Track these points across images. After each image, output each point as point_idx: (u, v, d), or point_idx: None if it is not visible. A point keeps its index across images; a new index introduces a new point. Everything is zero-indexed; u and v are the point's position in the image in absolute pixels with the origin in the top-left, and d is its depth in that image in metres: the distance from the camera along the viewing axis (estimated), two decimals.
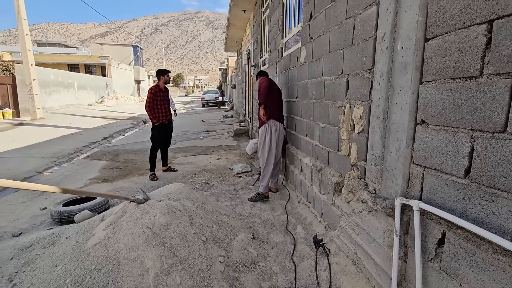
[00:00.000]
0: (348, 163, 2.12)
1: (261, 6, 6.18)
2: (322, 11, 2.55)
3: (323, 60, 2.56)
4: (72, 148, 6.83)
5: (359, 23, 1.92)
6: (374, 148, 1.76)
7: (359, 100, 1.94)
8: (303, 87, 3.16)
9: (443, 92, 1.22)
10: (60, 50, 34.59)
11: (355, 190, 1.92)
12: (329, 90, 2.44)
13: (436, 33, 1.25)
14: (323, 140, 2.59)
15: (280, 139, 3.53)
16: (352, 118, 2.02)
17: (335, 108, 2.33)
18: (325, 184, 2.48)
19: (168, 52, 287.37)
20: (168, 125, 4.64)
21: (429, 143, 1.31)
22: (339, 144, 2.25)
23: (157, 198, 2.38)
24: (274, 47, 4.73)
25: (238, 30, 9.72)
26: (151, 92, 4.30)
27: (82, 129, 9.89)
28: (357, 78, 1.96)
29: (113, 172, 4.94)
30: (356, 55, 1.97)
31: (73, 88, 17.20)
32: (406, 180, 1.48)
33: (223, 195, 3.60)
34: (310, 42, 2.91)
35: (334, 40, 2.33)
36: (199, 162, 5.57)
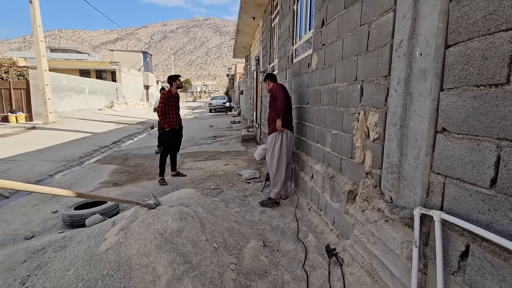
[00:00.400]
0: (362, 170, 2.08)
1: (270, 13, 6.24)
2: (335, 18, 2.55)
3: (336, 67, 2.55)
4: (83, 152, 6.93)
5: (375, 29, 1.91)
6: (390, 156, 1.72)
7: (374, 107, 1.91)
8: (314, 93, 3.14)
9: (466, 100, 1.19)
10: (72, 56, 35.50)
11: (370, 199, 1.88)
12: (342, 96, 2.41)
13: (458, 39, 1.23)
14: (335, 147, 2.56)
15: (290, 146, 3.53)
16: (367, 125, 1.99)
17: (348, 115, 2.30)
18: (338, 192, 2.44)
19: (176, 58, 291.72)
20: (178, 130, 4.68)
21: (450, 151, 1.27)
22: (353, 151, 2.22)
23: (168, 203, 2.37)
24: (284, 53, 4.75)
25: (247, 36, 9.81)
26: (163, 97, 4.35)
27: (92, 133, 10.05)
28: (372, 84, 1.94)
29: (123, 176, 4.98)
30: (371, 61, 1.95)
31: (84, 93, 17.56)
32: (426, 189, 1.44)
33: (232, 201, 3.59)
34: (322, 48, 2.91)
35: (347, 47, 2.32)
36: (207, 167, 5.58)
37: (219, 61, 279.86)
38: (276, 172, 3.47)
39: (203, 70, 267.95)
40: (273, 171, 3.49)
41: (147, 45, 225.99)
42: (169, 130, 4.45)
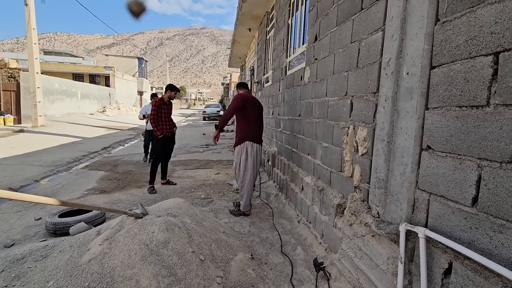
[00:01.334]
0: (351, 184, 2.10)
1: (266, 25, 6.36)
2: (327, 34, 2.62)
3: (327, 81, 2.60)
4: (71, 157, 6.79)
5: (364, 47, 1.96)
6: (378, 171, 1.75)
7: (363, 122, 1.95)
8: (306, 106, 3.19)
9: (449, 119, 1.23)
10: (66, 59, 35.26)
11: (358, 213, 1.89)
12: (333, 110, 2.46)
13: (442, 61, 1.28)
14: (326, 160, 2.59)
15: (257, 159, 3.49)
16: (356, 139, 2.02)
17: (338, 128, 2.34)
18: (327, 205, 2.45)
19: (172, 65, 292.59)
20: (171, 138, 4.65)
21: (435, 169, 1.30)
22: (342, 165, 2.25)
23: (156, 213, 2.34)
24: (278, 65, 4.82)
25: (242, 47, 9.95)
26: (155, 105, 4.34)
27: (82, 138, 9.89)
28: (362, 100, 1.98)
29: (111, 183, 4.89)
30: (361, 78, 2.00)
31: (76, 97, 17.36)
32: (411, 205, 1.46)
33: (222, 212, 3.55)
34: (314, 62, 2.97)
35: (338, 62, 2.37)
36: (198, 176, 5.53)
37: (215, 69, 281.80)
38: (242, 186, 3.46)
39: (198, 78, 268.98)
40: (239, 184, 3.50)
41: (143, 51, 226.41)
42: (161, 138, 4.42)
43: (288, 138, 3.98)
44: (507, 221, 0.99)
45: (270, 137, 5.34)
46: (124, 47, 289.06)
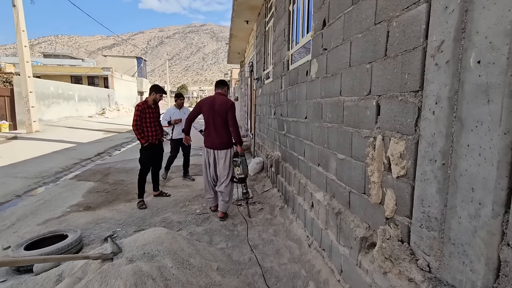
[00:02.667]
0: (380, 214, 1.58)
1: (265, 16, 5.79)
2: (340, 17, 2.07)
3: (342, 76, 2.06)
4: (61, 166, 6.35)
5: (397, 28, 1.42)
6: (425, 203, 1.23)
7: (398, 132, 1.42)
8: (315, 106, 2.66)
9: None
10: (66, 61, 34.92)
11: (395, 259, 1.37)
12: (351, 114, 1.92)
13: None
14: (342, 175, 2.06)
15: (208, 165, 3.59)
16: (388, 155, 1.49)
17: (359, 137, 1.80)
18: (346, 234, 1.93)
19: (173, 64, 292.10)
20: (158, 145, 4.14)
21: None
22: (366, 186, 1.72)
23: (130, 251, 1.85)
24: (279, 59, 4.28)
25: (240, 41, 9.38)
26: (138, 110, 3.81)
27: (77, 143, 9.47)
28: (394, 101, 1.45)
29: (99, 197, 4.42)
30: (392, 71, 1.46)
31: (73, 100, 16.97)
32: (493, 269, 0.94)
33: (218, 233, 3.05)
34: (323, 54, 2.43)
35: (357, 52, 1.83)
36: (195, 184, 5.05)
37: (216, 66, 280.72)
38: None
39: (199, 76, 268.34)
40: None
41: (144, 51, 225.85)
42: (147, 146, 3.91)
43: (293, 143, 3.45)
44: None
45: (272, 139, 4.82)
46: (124, 47, 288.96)
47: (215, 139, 3.48)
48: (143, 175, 3.97)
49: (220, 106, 3.42)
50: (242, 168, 3.49)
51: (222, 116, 3.42)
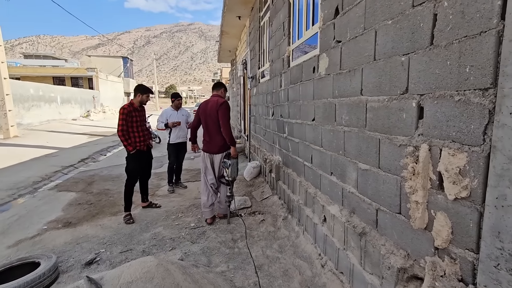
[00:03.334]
0: (426, 241, 1.27)
1: (259, 10, 5.45)
2: (360, 2, 1.76)
3: (363, 72, 1.75)
4: (40, 175, 5.84)
5: (450, 9, 1.11)
6: (505, 238, 0.92)
7: (454, 142, 1.11)
8: (325, 107, 2.34)
9: None
10: (47, 62, 33.51)
11: None
12: (377, 116, 1.61)
13: None
14: (366, 188, 1.75)
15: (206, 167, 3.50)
16: (438, 170, 1.18)
17: (391, 145, 1.49)
18: (375, 260, 1.62)
19: (161, 64, 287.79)
20: (147, 152, 3.73)
21: None
22: (403, 204, 1.42)
23: None
24: (277, 55, 3.95)
25: (232, 38, 9.00)
26: (123, 113, 3.39)
27: (59, 148, 8.88)
28: (447, 102, 1.14)
29: (81, 210, 3.99)
30: (443, 63, 1.15)
31: (55, 102, 16.16)
32: None
33: (217, 252, 2.70)
34: (336, 47, 2.11)
35: (385, 42, 1.52)
36: (188, 193, 4.67)
37: (205, 66, 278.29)
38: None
39: (188, 75, 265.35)
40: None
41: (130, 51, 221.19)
42: (134, 154, 3.50)
43: (296, 147, 3.13)
44: None
45: (271, 142, 4.49)
46: (110, 47, 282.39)
47: (210, 143, 3.44)
48: (130, 186, 3.57)
49: (211, 108, 3.34)
50: (231, 171, 3.34)
51: (213, 118, 3.33)
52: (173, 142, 4.75)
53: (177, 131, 4.73)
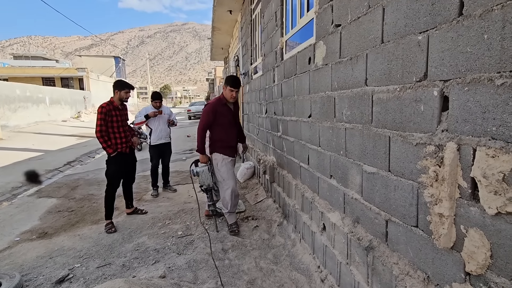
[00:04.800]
0: (453, 264, 1.02)
1: (250, 2, 5.18)
2: None
3: (367, 58, 1.49)
4: (20, 180, 5.49)
5: None
6: None
7: (495, 139, 0.85)
8: (322, 102, 2.08)
9: None
10: (37, 63, 32.72)
11: None
12: (387, 110, 1.35)
13: None
14: (373, 195, 1.49)
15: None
16: (473, 175, 0.92)
17: (405, 144, 1.24)
18: (385, 281, 1.36)
19: (155, 64, 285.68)
20: (130, 154, 3.43)
21: None
22: (420, 216, 1.16)
23: None
24: (270, 48, 3.68)
25: (224, 35, 8.71)
26: (102, 112, 3.09)
27: (45, 151, 8.50)
28: (483, 88, 0.88)
29: (59, 219, 3.68)
30: (478, 38, 0.89)
31: (44, 103, 15.67)
32: None
33: (205, 265, 2.42)
34: (334, 32, 1.85)
35: (395, 19, 1.26)
36: (177, 197, 4.38)
37: (199, 65, 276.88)
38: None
39: (183, 75, 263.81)
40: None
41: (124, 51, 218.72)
42: (115, 156, 3.21)
43: (291, 147, 2.87)
44: None
45: (264, 142, 4.23)
46: (104, 48, 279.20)
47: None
48: (112, 192, 3.25)
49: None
50: (201, 178, 3.06)
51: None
52: (154, 143, 4.43)
53: (158, 132, 4.40)
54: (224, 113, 3.05)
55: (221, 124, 3.04)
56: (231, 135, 3.13)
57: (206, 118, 2.99)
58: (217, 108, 3.02)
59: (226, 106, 3.07)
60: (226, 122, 3.07)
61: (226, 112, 3.07)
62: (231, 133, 3.13)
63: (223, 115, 3.04)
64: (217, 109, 3.01)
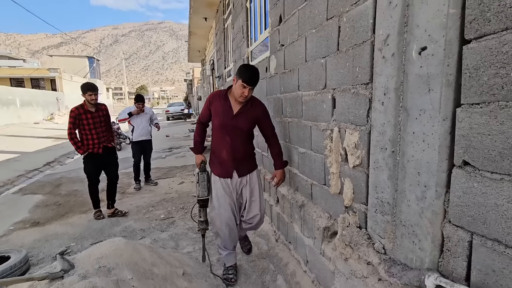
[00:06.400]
0: (340, 203, 1.63)
1: (223, 13, 5.71)
2: (295, 13, 2.10)
3: (299, 71, 2.10)
4: (1, 180, 5.64)
5: (347, 24, 1.47)
6: (379, 190, 1.29)
7: (352, 124, 1.47)
8: (275, 102, 2.68)
9: (503, 122, 0.77)
10: (3, 62, 31.05)
11: (355, 245, 1.43)
12: (309, 108, 1.96)
13: (485, 30, 0.81)
14: (304, 169, 2.10)
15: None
16: (344, 146, 1.54)
17: (317, 130, 1.85)
18: (310, 226, 1.97)
19: (130, 63, 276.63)
20: (105, 154, 3.48)
21: (479, 197, 0.85)
22: (326, 177, 1.77)
23: (84, 267, 1.68)
24: (239, 56, 4.25)
25: (200, 39, 9.17)
26: (70, 116, 3.29)
27: (21, 153, 8.49)
28: (348, 94, 1.50)
29: (48, 211, 4.01)
30: (345, 64, 1.51)
31: (14, 105, 15.19)
32: (438, 245, 1.02)
33: (184, 237, 2.94)
34: (280, 50, 2.45)
35: (312, 47, 1.87)
36: (158, 189, 4.82)
37: (177, 65, 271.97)
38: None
39: (160, 75, 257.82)
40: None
41: (97, 50, 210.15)
42: (88, 156, 3.40)
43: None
44: None
45: None
46: (74, 46, 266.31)
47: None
48: (93, 186, 3.56)
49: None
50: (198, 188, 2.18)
51: None
52: (136, 140, 4.81)
53: (140, 129, 4.80)
54: (219, 111, 2.07)
55: (214, 127, 2.14)
56: (225, 146, 2.09)
57: (203, 109, 2.22)
58: (214, 100, 2.12)
59: (227, 103, 2.07)
60: (218, 124, 2.08)
61: (222, 110, 2.07)
62: (225, 143, 2.09)
63: (218, 113, 2.08)
64: (213, 102, 2.12)
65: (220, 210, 2.15)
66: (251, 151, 2.27)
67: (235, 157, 2.12)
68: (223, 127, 2.09)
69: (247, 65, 2.22)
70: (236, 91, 2.01)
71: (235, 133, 2.10)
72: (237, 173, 2.14)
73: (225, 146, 2.11)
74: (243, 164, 2.17)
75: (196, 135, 2.31)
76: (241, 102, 2.05)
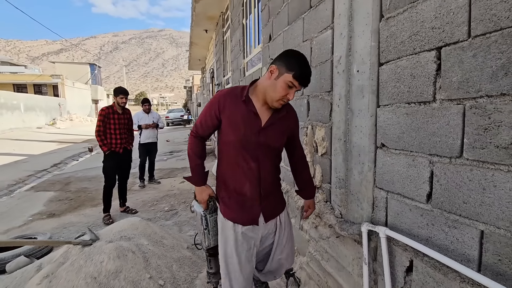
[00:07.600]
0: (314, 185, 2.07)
1: (222, 26, 6.23)
2: (280, 33, 2.57)
3: None
4: (13, 179, 6.03)
5: (316, 46, 1.94)
6: (337, 170, 1.73)
7: (320, 122, 1.92)
8: None
9: (400, 116, 1.22)
10: (5, 69, 31.56)
11: (322, 214, 1.86)
12: (295, 108, 2.41)
13: (389, 58, 1.26)
14: (287, 160, 2.53)
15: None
16: (315, 139, 1.99)
17: (300, 128, 2.29)
18: (292, 207, 2.40)
19: (130, 70, 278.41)
20: (124, 154, 3.79)
21: (390, 167, 1.29)
22: None
23: (108, 237, 2.10)
24: (236, 66, 4.72)
25: (201, 49, 9.69)
26: (101, 114, 3.67)
27: (28, 155, 8.89)
28: (317, 99, 1.95)
29: (62, 205, 4.41)
30: (315, 77, 1.96)
31: (19, 110, 15.62)
32: (371, 204, 1.45)
33: (187, 223, 3.36)
34: (270, 62, 2.91)
35: None
36: (161, 187, 5.23)
37: (177, 72, 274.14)
38: None
39: (159, 82, 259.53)
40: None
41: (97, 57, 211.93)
42: (110, 154, 3.69)
43: None
44: (460, 216, 0.98)
45: None
46: (74, 53, 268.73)
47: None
48: (109, 187, 3.75)
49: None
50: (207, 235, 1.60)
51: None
52: (143, 142, 5.30)
53: (147, 132, 5.30)
54: (237, 120, 1.34)
55: (227, 144, 1.39)
56: (248, 175, 1.38)
57: (204, 116, 1.41)
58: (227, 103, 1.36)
59: (250, 108, 1.34)
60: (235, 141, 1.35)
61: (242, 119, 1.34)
62: (249, 170, 1.37)
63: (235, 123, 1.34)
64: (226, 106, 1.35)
65: (232, 283, 1.38)
66: (279, 181, 1.57)
67: (262, 191, 1.40)
68: (245, 145, 1.34)
69: (298, 53, 1.39)
70: (275, 90, 1.29)
71: (264, 155, 1.38)
72: (263, 215, 1.42)
73: (249, 176, 1.37)
74: (270, 201, 1.46)
75: (193, 156, 1.45)
76: (275, 107, 1.36)
